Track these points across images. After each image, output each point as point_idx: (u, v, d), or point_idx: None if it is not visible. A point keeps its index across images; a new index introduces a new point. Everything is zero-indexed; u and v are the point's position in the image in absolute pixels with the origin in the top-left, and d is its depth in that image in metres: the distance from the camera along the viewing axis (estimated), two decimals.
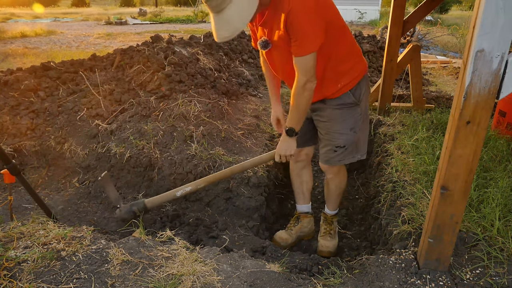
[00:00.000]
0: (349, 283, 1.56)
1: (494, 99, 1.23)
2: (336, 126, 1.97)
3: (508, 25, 1.13)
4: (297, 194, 2.40)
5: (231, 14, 1.59)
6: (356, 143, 2.02)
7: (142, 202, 2.19)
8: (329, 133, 2.00)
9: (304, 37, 1.63)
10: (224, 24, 1.62)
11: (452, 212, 1.43)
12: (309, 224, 2.41)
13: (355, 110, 1.95)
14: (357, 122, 1.97)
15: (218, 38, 1.66)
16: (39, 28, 13.55)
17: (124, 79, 3.45)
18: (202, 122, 2.89)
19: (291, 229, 2.36)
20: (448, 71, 7.09)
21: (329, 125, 1.98)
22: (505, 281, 1.46)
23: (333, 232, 2.33)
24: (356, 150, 2.04)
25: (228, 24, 1.62)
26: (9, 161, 1.86)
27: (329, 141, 2.02)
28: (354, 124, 1.97)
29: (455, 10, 28.43)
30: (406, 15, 3.50)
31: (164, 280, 1.51)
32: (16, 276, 1.48)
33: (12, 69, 3.63)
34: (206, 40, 4.57)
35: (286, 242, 2.29)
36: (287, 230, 2.37)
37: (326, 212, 2.38)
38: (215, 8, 1.60)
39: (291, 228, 2.37)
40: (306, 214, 2.41)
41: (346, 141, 1.98)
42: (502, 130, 2.88)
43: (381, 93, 3.62)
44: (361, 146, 2.06)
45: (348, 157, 2.04)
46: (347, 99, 1.92)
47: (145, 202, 2.19)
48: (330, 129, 1.99)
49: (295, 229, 2.36)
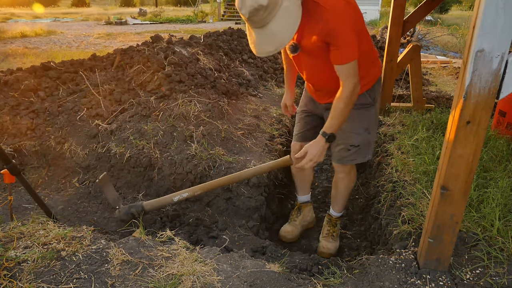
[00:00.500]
0: (349, 283, 1.56)
1: (494, 99, 1.23)
2: (352, 125, 2.00)
3: (508, 25, 1.13)
4: (299, 186, 2.48)
5: (275, 28, 1.58)
6: (368, 142, 2.08)
7: (141, 205, 2.19)
8: (344, 132, 2.01)
9: (347, 46, 1.66)
10: (268, 38, 1.60)
11: (452, 212, 1.43)
12: (310, 212, 2.54)
13: (371, 111, 2.01)
14: (371, 122, 2.04)
15: (260, 53, 1.64)
16: (39, 28, 13.56)
17: (124, 79, 3.45)
18: (202, 122, 2.89)
19: (294, 220, 2.47)
20: (448, 71, 7.10)
21: (345, 125, 1.95)
22: (505, 281, 1.46)
23: (335, 234, 2.34)
24: (367, 150, 2.09)
25: (273, 38, 1.59)
26: (9, 161, 1.86)
27: (344, 140, 2.04)
28: (368, 124, 2.03)
29: (455, 10, 28.44)
30: (406, 15, 3.50)
31: (164, 280, 1.51)
32: (16, 276, 1.48)
33: (12, 69, 3.63)
34: (206, 40, 4.57)
35: (293, 234, 2.42)
36: (290, 222, 2.48)
37: (331, 214, 2.38)
38: (258, 23, 1.57)
39: (294, 219, 2.47)
40: (306, 203, 2.52)
41: (360, 140, 2.03)
42: (502, 130, 2.88)
43: (381, 93, 3.61)
44: (372, 146, 2.14)
45: (361, 156, 2.08)
46: (364, 100, 1.96)
47: (143, 205, 2.19)
48: (346, 128, 1.99)
49: (299, 219, 2.47)
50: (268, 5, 1.51)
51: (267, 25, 1.58)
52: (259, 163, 2.50)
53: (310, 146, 1.85)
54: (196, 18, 20.48)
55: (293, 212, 2.52)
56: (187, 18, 20.23)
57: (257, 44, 1.64)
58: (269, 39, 1.60)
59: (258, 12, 1.52)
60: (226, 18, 22.23)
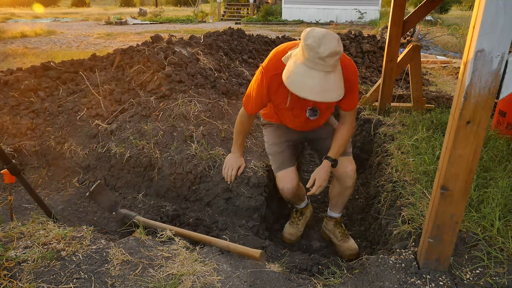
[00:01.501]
0: (349, 283, 1.56)
1: (494, 99, 1.23)
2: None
3: (508, 25, 1.13)
4: (296, 201, 2.48)
5: (336, 79, 1.66)
6: None
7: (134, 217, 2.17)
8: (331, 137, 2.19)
9: (357, 92, 2.01)
10: (333, 85, 1.65)
11: (452, 212, 1.43)
12: (310, 211, 2.58)
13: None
14: None
15: (326, 98, 1.65)
16: (39, 28, 13.57)
17: (124, 79, 3.45)
18: (202, 122, 2.89)
19: (297, 223, 2.48)
20: (448, 71, 7.09)
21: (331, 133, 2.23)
22: (505, 281, 1.46)
23: (346, 232, 2.39)
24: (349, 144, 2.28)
25: (336, 86, 1.66)
26: (9, 161, 1.86)
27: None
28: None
29: (455, 10, 28.43)
30: (406, 15, 3.50)
31: (164, 280, 1.51)
32: (16, 276, 1.48)
33: (12, 69, 3.63)
34: (206, 40, 4.56)
35: (297, 236, 2.47)
36: (293, 224, 2.49)
37: (335, 217, 2.39)
38: (329, 67, 1.61)
39: (296, 222, 2.48)
40: (308, 206, 2.54)
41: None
42: (502, 130, 2.88)
43: (381, 93, 3.62)
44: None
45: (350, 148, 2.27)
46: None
47: (136, 219, 2.16)
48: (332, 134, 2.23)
49: (301, 222, 2.49)
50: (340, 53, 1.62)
51: (331, 72, 1.63)
52: (259, 163, 2.50)
53: (317, 173, 2.02)
54: (196, 18, 20.48)
55: (295, 215, 2.51)
56: (187, 18, 20.23)
57: (324, 90, 1.64)
58: (334, 87, 1.66)
59: (335, 56, 1.60)
60: (226, 18, 22.24)
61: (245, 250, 1.77)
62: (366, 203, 2.76)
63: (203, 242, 1.90)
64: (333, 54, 1.57)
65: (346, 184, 2.20)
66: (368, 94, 4.00)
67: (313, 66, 1.60)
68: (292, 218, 2.51)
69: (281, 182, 2.16)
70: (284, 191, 2.15)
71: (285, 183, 2.14)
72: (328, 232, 2.43)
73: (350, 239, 2.34)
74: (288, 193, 2.16)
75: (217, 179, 2.39)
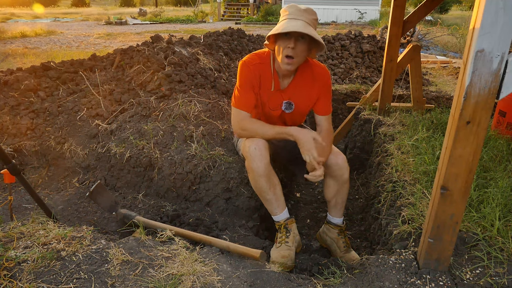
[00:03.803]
0: (349, 283, 1.56)
1: (494, 99, 1.23)
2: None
3: (508, 25, 1.13)
4: (274, 203, 2.02)
5: (315, 32, 1.84)
6: None
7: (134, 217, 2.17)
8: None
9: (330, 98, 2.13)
10: (313, 31, 1.81)
11: (452, 212, 1.43)
12: (296, 230, 2.09)
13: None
14: None
15: (307, 31, 1.78)
16: (39, 28, 13.58)
17: (124, 79, 3.45)
18: (202, 122, 2.89)
19: (286, 242, 1.99)
20: (448, 71, 7.09)
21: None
22: (505, 281, 1.46)
23: (349, 242, 2.23)
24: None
25: (316, 33, 1.82)
26: (9, 161, 1.86)
27: None
28: None
29: (455, 10, 28.44)
30: (406, 15, 3.50)
31: (164, 280, 1.51)
32: (16, 276, 1.48)
33: (12, 69, 3.63)
34: (206, 40, 4.57)
35: (291, 258, 1.93)
36: (281, 245, 1.98)
37: (339, 224, 2.21)
38: (309, 20, 1.83)
39: (285, 241, 1.99)
40: (292, 219, 2.07)
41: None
42: (502, 130, 2.88)
43: (381, 93, 3.61)
44: None
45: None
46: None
47: (136, 219, 2.16)
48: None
49: (290, 240, 2.00)
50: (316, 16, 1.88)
51: (310, 26, 1.83)
52: None
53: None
54: (196, 18, 20.49)
55: (280, 234, 2.03)
56: (187, 18, 20.24)
57: (303, 26, 1.79)
58: (313, 32, 1.81)
59: (313, 14, 1.86)
60: (226, 18, 22.24)
61: (245, 250, 1.77)
62: (366, 203, 2.76)
63: (203, 242, 1.91)
64: (310, 10, 1.83)
65: (342, 178, 2.06)
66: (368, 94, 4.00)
67: (294, 17, 1.82)
68: (279, 239, 2.02)
69: (251, 158, 1.92)
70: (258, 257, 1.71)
71: (254, 156, 1.91)
72: (329, 240, 2.24)
73: (352, 250, 2.20)
74: (260, 170, 1.92)
75: (217, 179, 2.39)
